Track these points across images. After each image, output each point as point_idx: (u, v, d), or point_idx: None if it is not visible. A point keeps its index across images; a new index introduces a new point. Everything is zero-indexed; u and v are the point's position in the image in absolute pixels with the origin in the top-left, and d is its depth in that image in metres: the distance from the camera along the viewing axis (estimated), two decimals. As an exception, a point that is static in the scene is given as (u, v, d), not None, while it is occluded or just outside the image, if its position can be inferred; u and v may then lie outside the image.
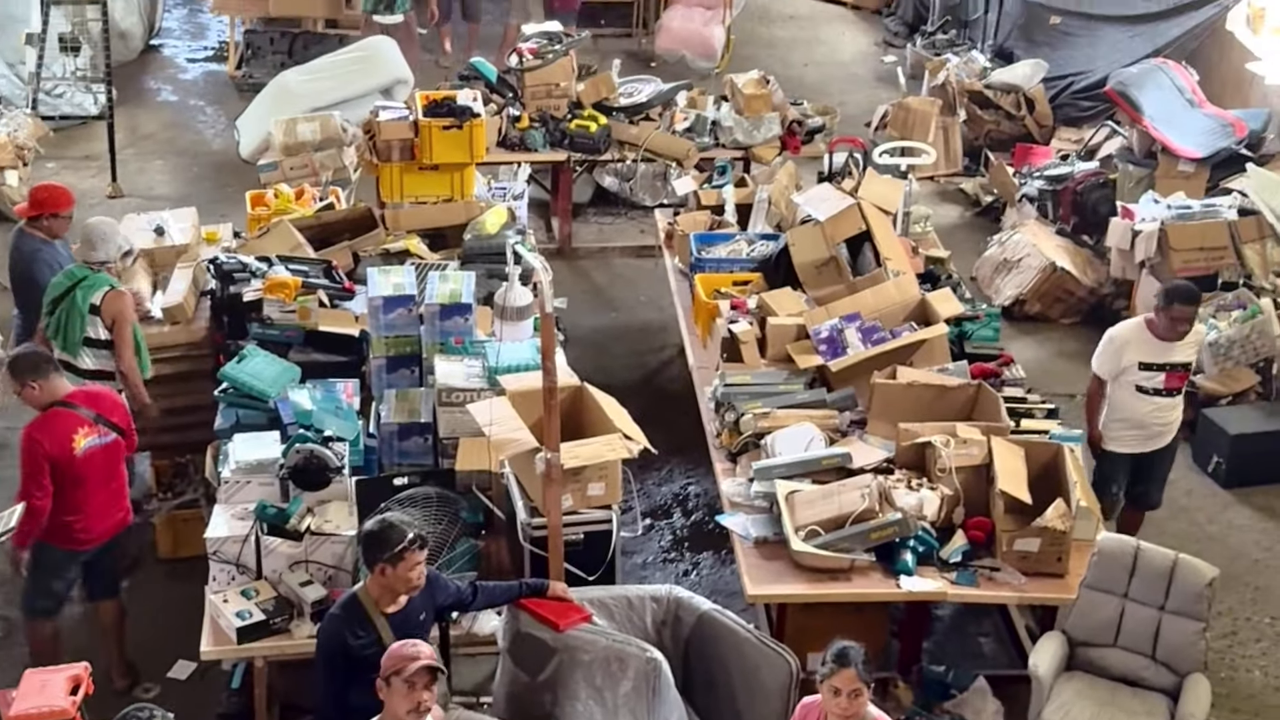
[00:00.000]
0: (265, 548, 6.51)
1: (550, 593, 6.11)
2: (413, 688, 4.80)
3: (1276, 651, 7.85)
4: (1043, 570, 6.93)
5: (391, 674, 4.82)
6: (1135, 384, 7.86)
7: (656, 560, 8.54)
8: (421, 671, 4.81)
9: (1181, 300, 7.73)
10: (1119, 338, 7.92)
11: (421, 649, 4.91)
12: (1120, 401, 7.93)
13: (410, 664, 4.79)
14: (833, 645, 5.22)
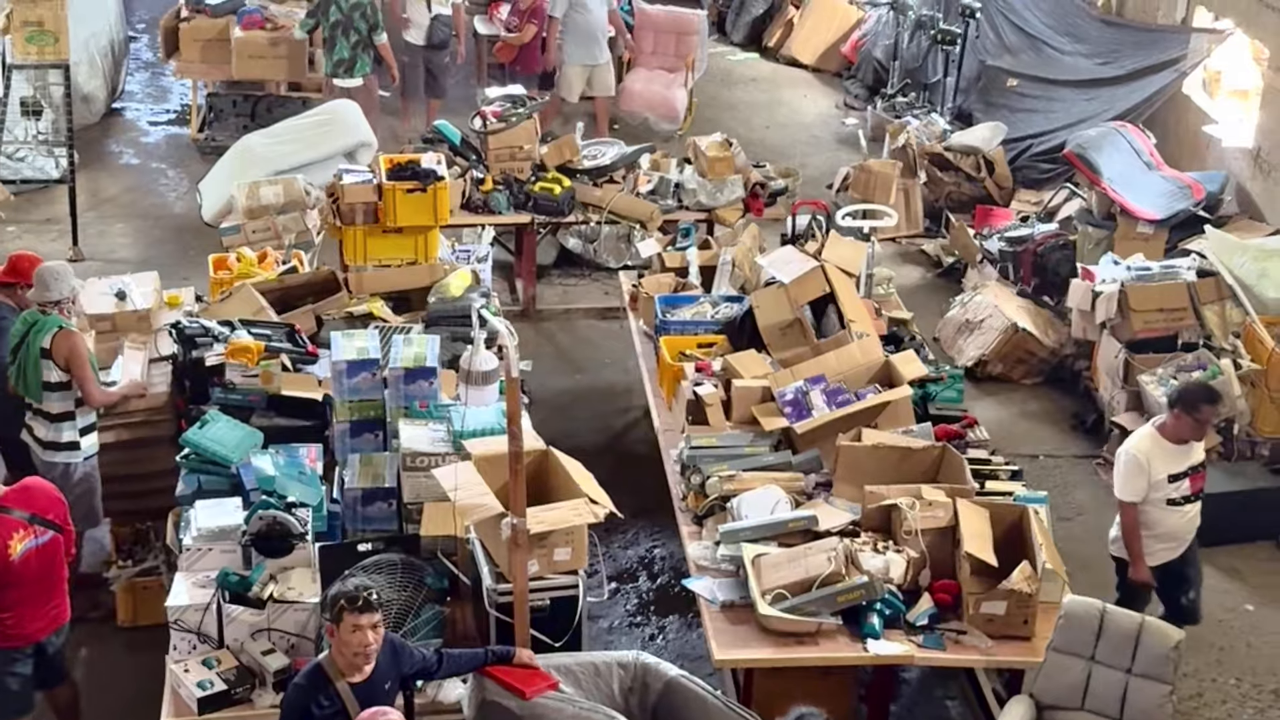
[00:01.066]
0: (227, 616, 6.43)
1: (516, 660, 6.06)
2: None
3: (1242, 713, 7.85)
4: (1009, 633, 6.93)
5: None
6: (1166, 498, 7.60)
7: (623, 624, 8.50)
8: None
9: (1207, 401, 7.61)
10: (1141, 455, 7.55)
11: (390, 715, 4.82)
12: (1153, 520, 7.63)
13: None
14: (789, 713, 5.15)
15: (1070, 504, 9.70)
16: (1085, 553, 9.04)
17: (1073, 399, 10.98)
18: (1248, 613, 8.70)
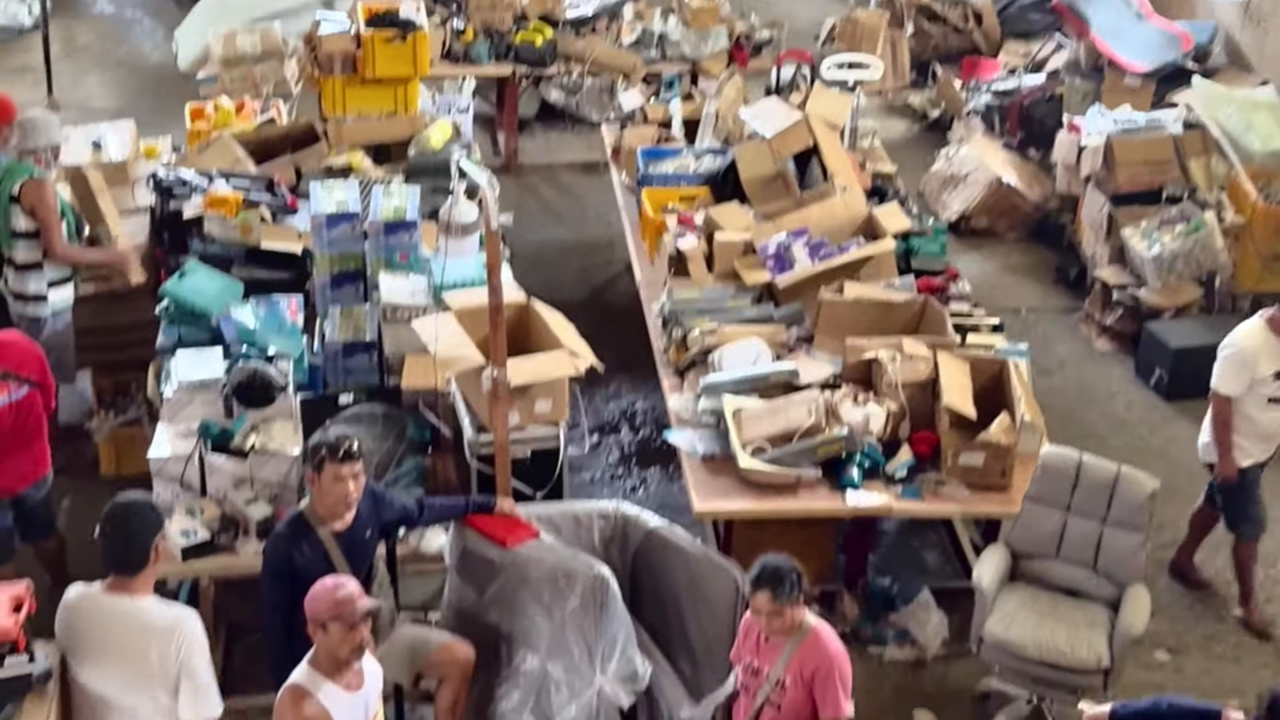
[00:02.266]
0: (209, 466, 6.46)
1: (497, 510, 6.10)
2: (354, 629, 4.74)
3: (1215, 560, 7.96)
4: (987, 484, 7.00)
5: (329, 619, 4.72)
6: (1268, 396, 7.18)
7: (604, 477, 8.55)
8: (364, 613, 4.76)
9: None
10: (1248, 348, 7.13)
11: (351, 588, 4.79)
12: (1249, 418, 7.21)
13: (348, 608, 4.71)
14: (755, 564, 5.21)
15: (1051, 357, 9.74)
16: (1064, 405, 9.13)
17: (1056, 253, 10.97)
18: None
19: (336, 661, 4.78)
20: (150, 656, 4.94)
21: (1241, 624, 7.54)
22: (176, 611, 5.08)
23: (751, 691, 5.27)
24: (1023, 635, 6.43)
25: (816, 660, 5.12)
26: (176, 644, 4.95)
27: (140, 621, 4.99)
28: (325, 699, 4.75)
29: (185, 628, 5.00)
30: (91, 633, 5.01)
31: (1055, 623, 6.47)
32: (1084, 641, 6.37)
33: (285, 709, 4.75)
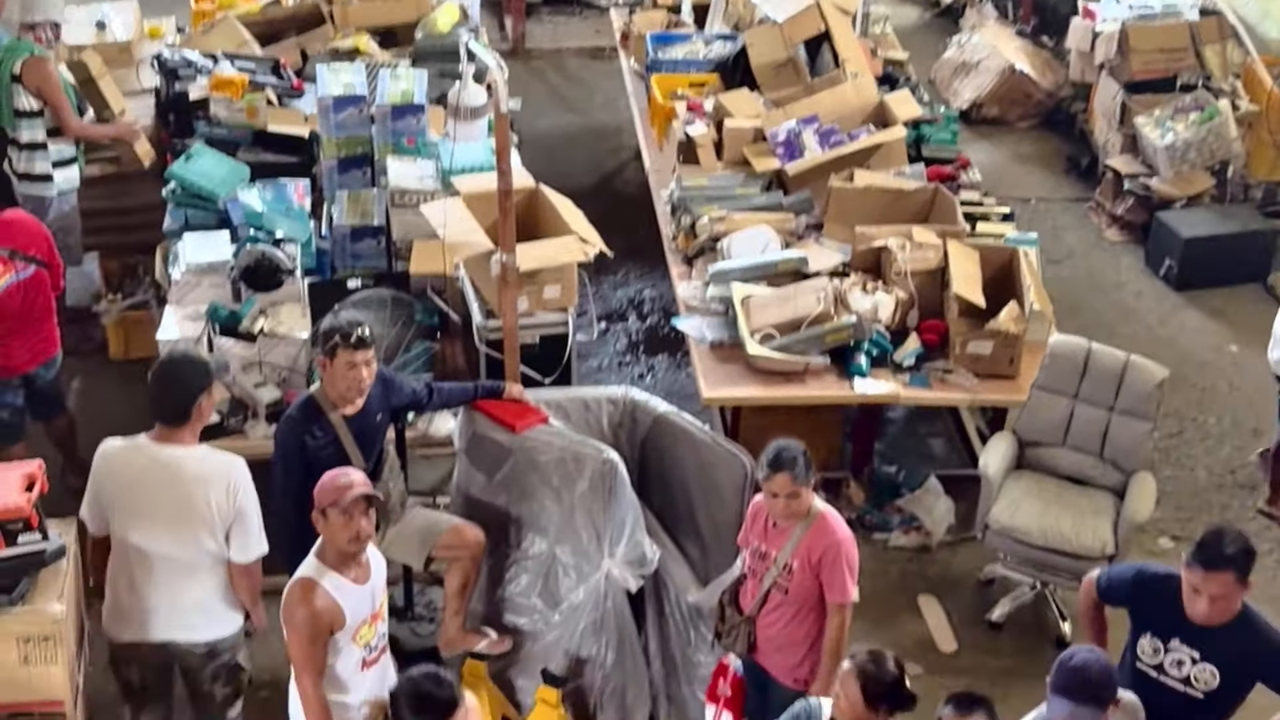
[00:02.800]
0: (218, 349, 6.46)
1: (506, 395, 6.11)
2: (350, 517, 4.74)
3: (1221, 450, 7.99)
4: (995, 372, 7.00)
5: (328, 505, 4.75)
6: None
7: (612, 364, 8.56)
8: (358, 500, 4.76)
9: None
10: None
11: (354, 476, 4.83)
12: None
13: (346, 494, 4.74)
14: (769, 448, 5.19)
15: (1061, 247, 9.70)
16: (1074, 295, 9.10)
17: (1068, 142, 10.88)
18: (1231, 354, 8.77)
19: (341, 552, 4.81)
20: (200, 502, 5.02)
21: (1263, 513, 7.52)
22: (227, 457, 5.18)
23: (759, 575, 5.31)
24: (1028, 522, 6.47)
25: (824, 545, 5.15)
26: (231, 488, 5.06)
27: (192, 469, 5.07)
28: (334, 590, 4.80)
29: (237, 471, 5.12)
30: (137, 482, 5.07)
31: (1061, 509, 6.50)
32: (1089, 528, 6.40)
33: (294, 600, 4.80)
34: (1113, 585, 5.06)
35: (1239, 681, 4.77)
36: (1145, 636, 4.85)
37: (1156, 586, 4.85)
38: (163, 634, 5.18)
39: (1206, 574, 4.64)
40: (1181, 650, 4.77)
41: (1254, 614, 4.79)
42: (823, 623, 5.22)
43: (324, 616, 4.76)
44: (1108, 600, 5.10)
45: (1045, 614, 6.81)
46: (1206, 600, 4.66)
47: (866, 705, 4.37)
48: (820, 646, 5.21)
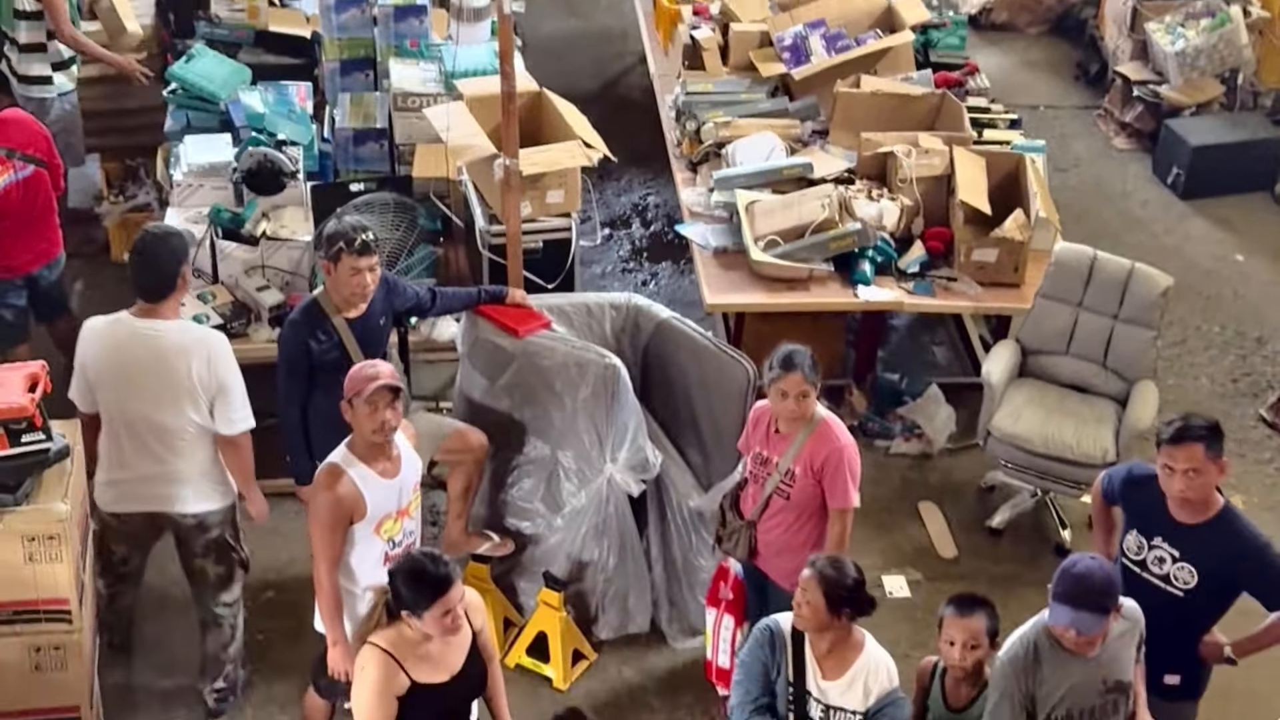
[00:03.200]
0: (221, 252, 6.46)
1: (509, 299, 6.10)
2: (375, 408, 4.76)
3: (1224, 359, 7.99)
4: (999, 280, 6.99)
5: (353, 396, 4.78)
6: None
7: (615, 270, 8.54)
8: (381, 391, 4.76)
9: None
10: None
11: (381, 368, 4.84)
12: None
13: (369, 385, 4.76)
14: (779, 350, 5.20)
15: (1068, 155, 9.64)
16: (1080, 203, 9.06)
17: (1077, 48, 10.78)
18: (1237, 262, 8.75)
19: (368, 444, 4.85)
20: (181, 373, 5.11)
21: (1265, 421, 7.54)
22: (207, 329, 5.31)
23: (760, 481, 5.33)
24: (1030, 429, 6.49)
25: (827, 450, 5.17)
26: (211, 359, 5.15)
27: (172, 340, 5.15)
28: (358, 479, 4.84)
29: (217, 343, 5.22)
30: (121, 356, 5.15)
31: (1063, 417, 6.51)
32: (1091, 436, 6.42)
33: (318, 485, 4.87)
34: (1111, 482, 5.11)
35: (1217, 583, 4.79)
36: (1132, 533, 4.91)
37: (1144, 483, 4.89)
38: (153, 505, 5.29)
39: (1174, 448, 4.68)
40: (1163, 548, 4.81)
41: (1235, 516, 4.81)
42: (823, 528, 5.25)
43: (345, 503, 4.81)
44: (1107, 499, 5.15)
45: (1045, 521, 6.84)
46: (1180, 478, 4.68)
47: (829, 610, 4.39)
48: (821, 550, 5.24)
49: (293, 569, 6.32)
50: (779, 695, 4.48)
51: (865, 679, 4.45)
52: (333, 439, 5.56)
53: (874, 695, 4.44)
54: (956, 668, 4.60)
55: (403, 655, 4.26)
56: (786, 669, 4.47)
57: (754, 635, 4.58)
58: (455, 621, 4.23)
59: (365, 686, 4.25)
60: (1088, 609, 4.27)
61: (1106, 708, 4.44)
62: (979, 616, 4.55)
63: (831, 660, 4.47)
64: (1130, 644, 4.50)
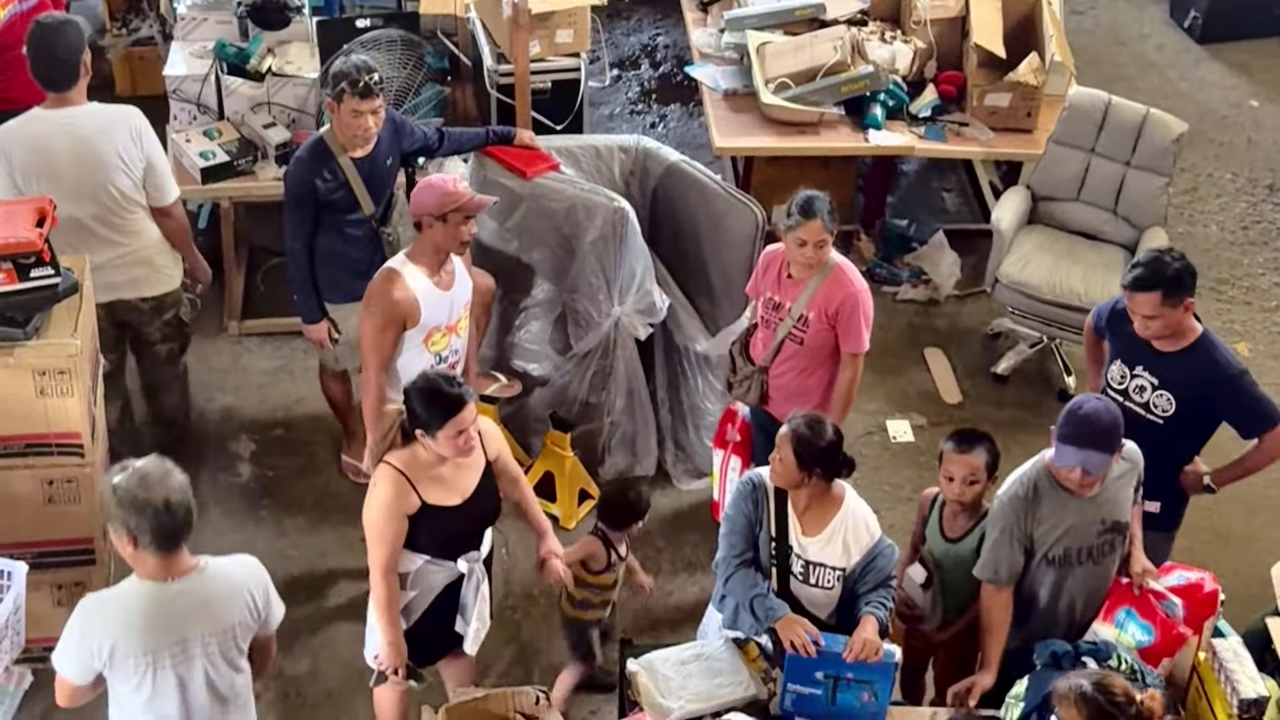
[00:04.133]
0: (226, 88, 6.39)
1: (517, 141, 6.04)
2: (458, 226, 4.90)
3: (1235, 206, 7.95)
4: (1011, 125, 6.93)
5: (452, 210, 4.86)
6: None
7: (624, 112, 8.46)
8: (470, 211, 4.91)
9: None
10: None
11: (462, 186, 4.94)
12: None
13: (456, 202, 4.86)
14: (797, 195, 5.13)
15: (1085, -4, 9.51)
16: (1095, 47, 8.95)
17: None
18: (1252, 108, 8.66)
19: (431, 256, 4.95)
20: (108, 153, 5.22)
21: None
22: (121, 107, 5.40)
23: (772, 326, 5.31)
24: (1038, 276, 6.48)
25: (841, 296, 5.14)
26: (134, 133, 5.27)
27: (91, 123, 5.25)
28: (413, 283, 4.92)
29: (136, 118, 5.33)
30: (46, 149, 5.20)
31: (1071, 264, 6.50)
32: (1099, 283, 6.41)
33: (375, 286, 4.95)
34: (1099, 315, 5.16)
35: (1194, 410, 4.84)
36: (1116, 362, 4.97)
37: (1125, 314, 4.91)
38: (109, 294, 5.38)
39: (1132, 295, 4.75)
40: (1143, 376, 4.87)
41: (1212, 344, 4.84)
42: (834, 372, 5.26)
43: (400, 306, 4.90)
44: (1096, 332, 5.19)
45: (1050, 368, 6.87)
46: (1139, 320, 4.76)
47: (799, 468, 4.40)
48: (831, 395, 5.27)
49: (301, 407, 6.38)
50: (761, 548, 4.47)
51: (844, 535, 4.44)
52: (339, 277, 5.59)
53: (855, 552, 4.43)
54: (955, 501, 4.67)
55: (415, 475, 4.32)
56: (769, 523, 4.47)
57: (738, 488, 4.56)
58: (468, 443, 4.28)
59: (377, 503, 4.32)
60: (1095, 448, 4.30)
61: (1103, 547, 4.50)
62: (978, 452, 4.60)
63: (810, 516, 4.46)
64: (1129, 485, 4.55)
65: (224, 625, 3.80)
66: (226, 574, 3.83)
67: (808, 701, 4.31)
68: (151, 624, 3.70)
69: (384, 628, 4.44)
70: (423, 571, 4.47)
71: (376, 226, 5.62)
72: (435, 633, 4.61)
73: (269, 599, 3.94)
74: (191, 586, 3.74)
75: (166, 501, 3.61)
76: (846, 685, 4.28)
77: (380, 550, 4.34)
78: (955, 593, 4.74)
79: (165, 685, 3.77)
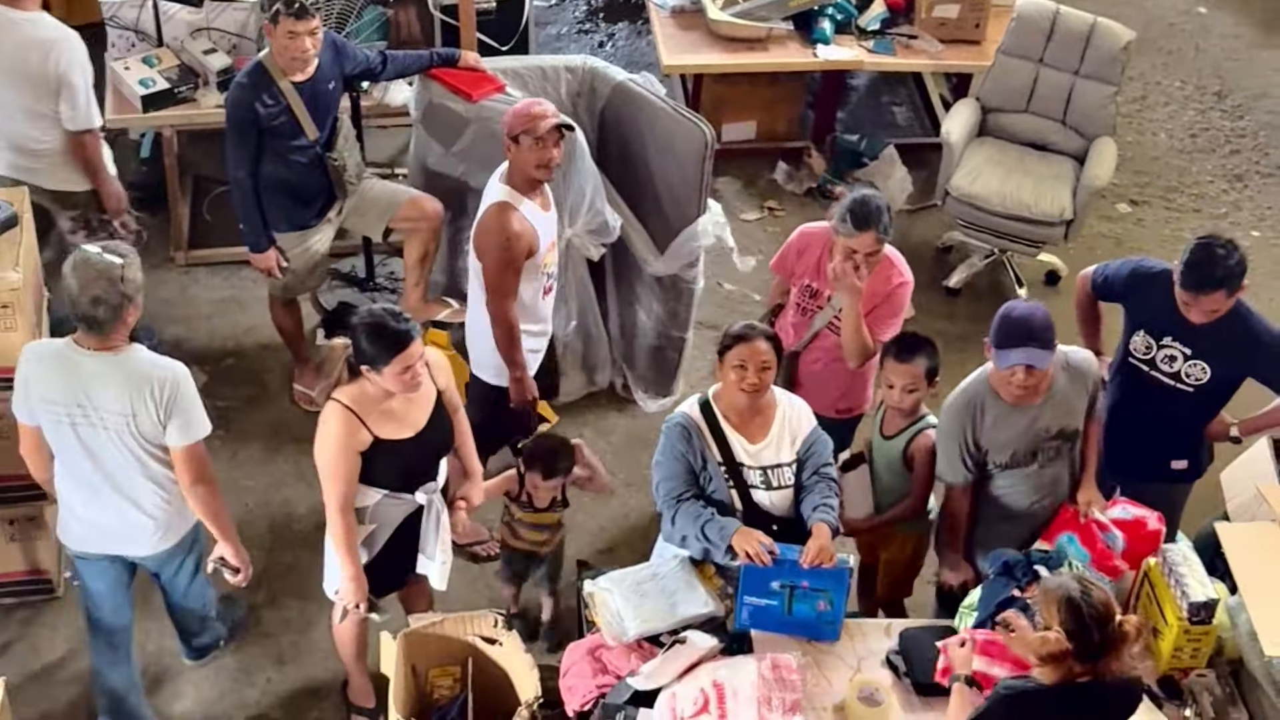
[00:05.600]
0: (164, 14, 6.28)
1: (462, 63, 5.96)
2: (545, 144, 4.87)
3: (1183, 115, 7.96)
4: (960, 37, 6.92)
5: (520, 132, 4.84)
6: None
7: (571, 32, 8.37)
8: (553, 129, 4.86)
9: None
10: None
11: (547, 107, 4.90)
12: None
13: (540, 122, 4.84)
14: (851, 197, 4.77)
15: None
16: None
17: None
18: (1199, 15, 8.66)
19: (529, 179, 4.94)
20: (31, 64, 5.33)
21: None
22: (62, 29, 5.44)
23: (809, 313, 5.06)
24: (988, 188, 6.48)
25: (888, 289, 4.92)
26: (55, 55, 5.33)
27: (30, 31, 5.36)
28: (527, 213, 4.92)
29: (69, 40, 5.39)
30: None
31: (1021, 176, 6.51)
32: (1048, 194, 6.42)
33: (491, 221, 4.93)
34: (1109, 280, 4.97)
35: (1229, 375, 4.78)
36: (1139, 333, 4.82)
37: (1151, 283, 4.78)
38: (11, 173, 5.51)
39: (1197, 295, 4.57)
40: (1174, 347, 4.75)
41: (1248, 311, 4.72)
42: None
43: (522, 239, 4.90)
44: (1102, 296, 5.04)
45: (1002, 280, 6.90)
46: (1198, 313, 4.62)
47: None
48: (860, 379, 5.13)
49: (251, 336, 6.33)
50: (714, 478, 4.41)
51: (789, 427, 4.45)
52: (286, 205, 5.53)
53: (799, 439, 4.45)
54: (895, 408, 4.72)
55: (365, 411, 4.29)
56: (711, 451, 4.42)
57: (665, 434, 4.47)
58: (415, 378, 4.25)
59: (328, 440, 4.30)
60: (1035, 344, 4.30)
61: (1050, 452, 4.53)
62: (918, 360, 4.65)
63: (753, 425, 4.44)
64: (1081, 394, 4.56)
65: (121, 407, 4.19)
66: (141, 365, 4.23)
67: (764, 613, 4.34)
68: (60, 376, 4.21)
69: (344, 563, 4.44)
70: (381, 505, 4.47)
71: (322, 152, 5.56)
72: (395, 565, 4.61)
73: (176, 404, 4.23)
74: (104, 361, 4.19)
75: (73, 293, 4.12)
76: (802, 595, 4.30)
77: (335, 487, 4.33)
78: (884, 490, 4.84)
79: (71, 443, 4.27)
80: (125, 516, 4.40)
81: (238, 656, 5.19)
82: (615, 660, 4.31)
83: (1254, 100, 8.07)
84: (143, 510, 4.39)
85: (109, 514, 4.38)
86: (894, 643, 4.38)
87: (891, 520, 4.84)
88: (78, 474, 4.34)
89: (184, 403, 4.23)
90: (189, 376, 4.28)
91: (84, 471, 4.32)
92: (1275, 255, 7.19)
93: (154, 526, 4.44)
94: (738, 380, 4.34)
